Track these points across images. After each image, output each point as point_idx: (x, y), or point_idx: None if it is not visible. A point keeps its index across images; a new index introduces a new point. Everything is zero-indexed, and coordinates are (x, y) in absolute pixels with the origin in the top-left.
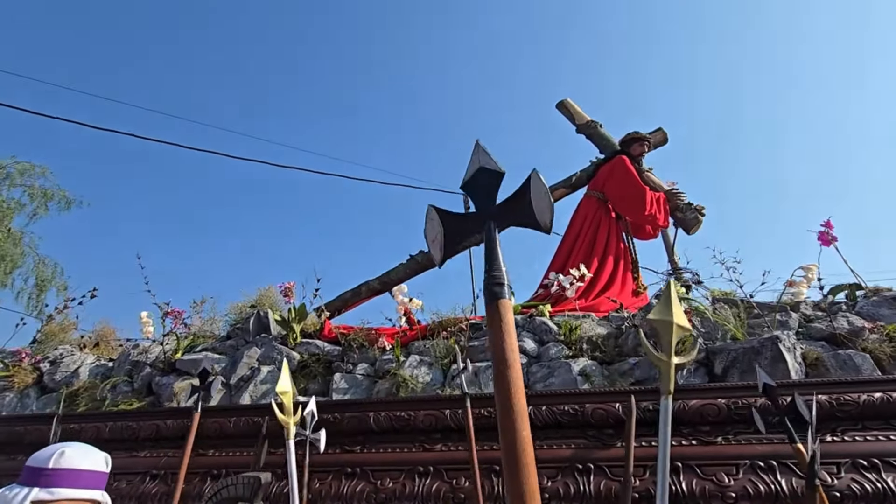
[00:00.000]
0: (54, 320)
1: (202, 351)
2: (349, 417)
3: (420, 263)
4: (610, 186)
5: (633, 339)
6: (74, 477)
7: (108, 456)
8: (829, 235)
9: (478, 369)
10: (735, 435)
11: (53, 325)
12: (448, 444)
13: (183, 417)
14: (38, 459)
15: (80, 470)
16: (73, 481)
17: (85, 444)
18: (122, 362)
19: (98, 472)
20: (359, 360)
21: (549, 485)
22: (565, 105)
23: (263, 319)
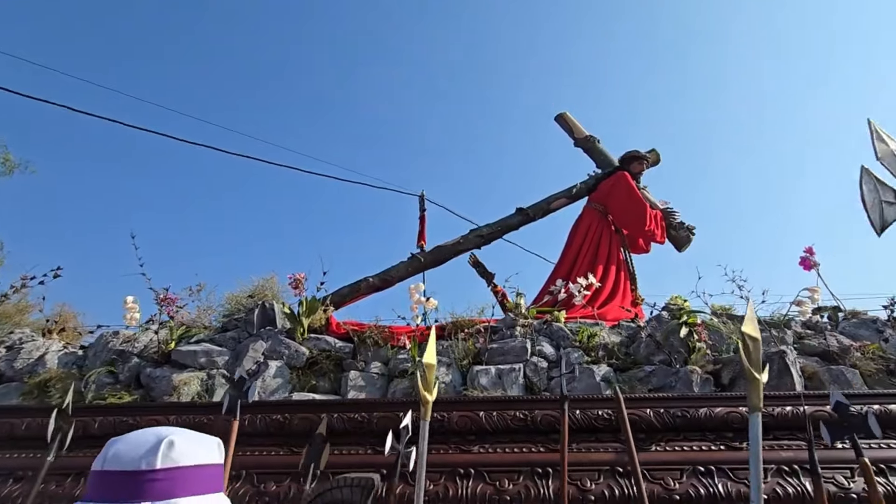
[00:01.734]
0: (9, 300)
1: (199, 342)
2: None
3: (422, 263)
4: (612, 200)
5: (644, 348)
6: (194, 478)
7: (219, 441)
8: (811, 261)
9: (501, 372)
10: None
11: (8, 306)
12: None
13: (192, 413)
14: (129, 458)
15: (199, 466)
16: (192, 484)
17: (181, 427)
18: (98, 351)
19: (217, 466)
20: (372, 359)
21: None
22: (564, 118)
23: (269, 312)
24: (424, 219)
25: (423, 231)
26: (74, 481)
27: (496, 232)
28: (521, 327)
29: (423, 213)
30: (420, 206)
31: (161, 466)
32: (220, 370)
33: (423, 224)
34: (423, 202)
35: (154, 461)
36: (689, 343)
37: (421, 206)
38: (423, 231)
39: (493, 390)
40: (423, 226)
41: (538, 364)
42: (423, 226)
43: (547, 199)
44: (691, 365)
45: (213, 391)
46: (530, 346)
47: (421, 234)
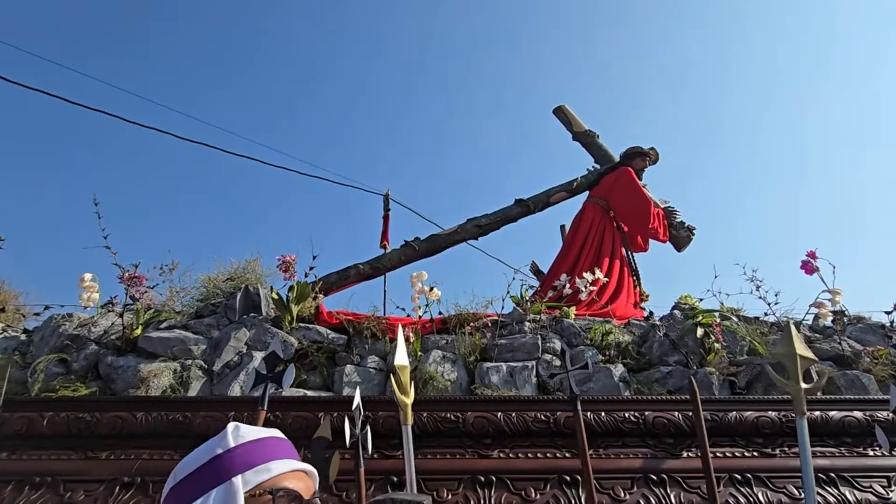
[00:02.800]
0: None
1: (171, 328)
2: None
3: (416, 251)
4: (615, 197)
5: (658, 348)
6: (273, 446)
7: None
8: (813, 265)
9: (513, 370)
10: (790, 447)
11: None
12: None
13: (165, 410)
14: (204, 452)
15: (274, 438)
16: (275, 450)
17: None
18: (46, 335)
19: (283, 439)
20: (368, 352)
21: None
22: (563, 111)
23: (254, 297)
24: (388, 218)
25: (386, 231)
26: (16, 490)
27: (494, 223)
28: (529, 323)
29: (387, 213)
30: (384, 206)
31: (235, 444)
32: (196, 360)
33: (386, 224)
34: (387, 202)
35: (227, 442)
36: (706, 344)
37: (385, 205)
38: (386, 231)
39: (504, 389)
40: (387, 225)
41: (552, 362)
42: (387, 225)
43: (547, 191)
44: (708, 366)
45: (189, 384)
46: (541, 343)
47: (384, 233)
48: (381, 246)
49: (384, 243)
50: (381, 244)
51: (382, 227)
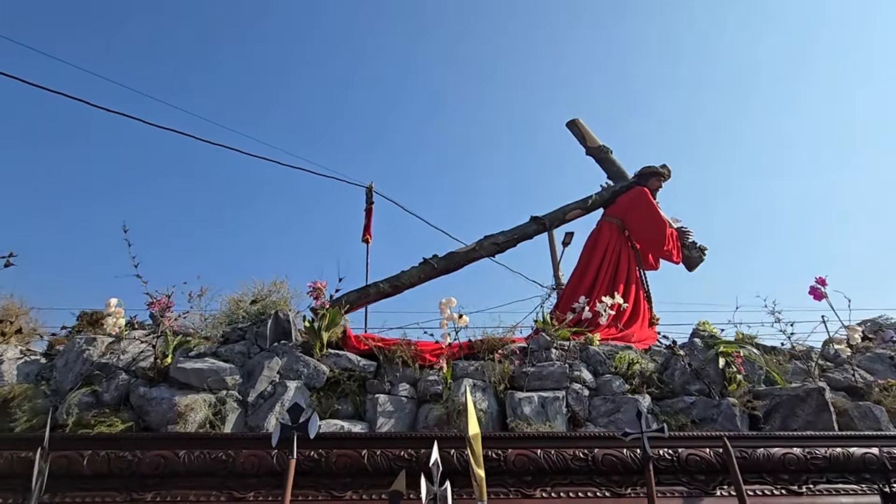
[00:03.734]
0: None
1: (201, 356)
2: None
3: (435, 268)
4: (631, 217)
5: (680, 376)
6: None
7: None
8: (821, 291)
9: (544, 400)
10: (815, 484)
11: None
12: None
13: (207, 448)
14: None
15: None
16: None
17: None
18: (70, 361)
19: None
20: (399, 380)
21: None
22: (577, 125)
23: (283, 323)
24: (371, 211)
25: (369, 224)
26: None
27: (511, 240)
28: (556, 349)
29: (370, 206)
30: (367, 199)
31: None
32: (230, 392)
33: (369, 217)
34: (370, 194)
35: None
36: (726, 373)
37: (368, 198)
38: (369, 224)
39: (537, 421)
40: (370, 219)
41: (580, 392)
42: (370, 219)
43: (562, 208)
44: (729, 396)
45: (225, 418)
46: (569, 372)
47: (367, 227)
48: (364, 240)
49: (367, 237)
50: (363, 238)
51: (365, 220)
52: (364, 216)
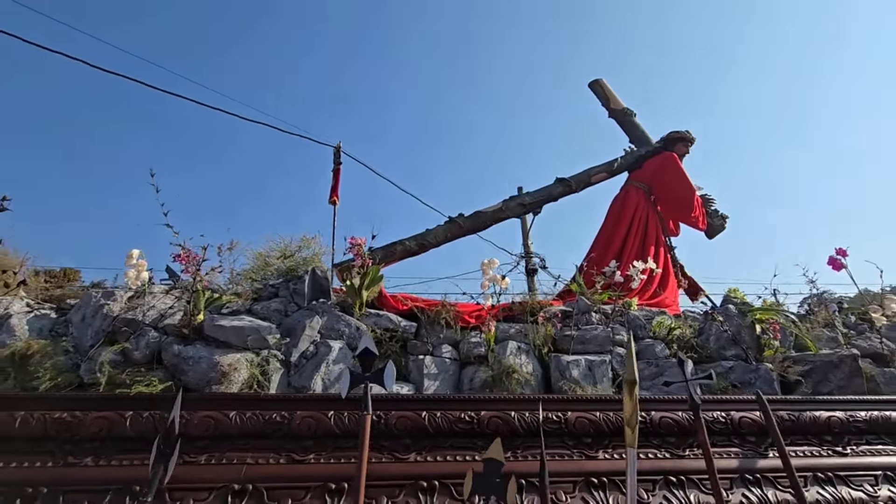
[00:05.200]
0: None
1: (235, 313)
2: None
3: (461, 227)
4: (659, 182)
5: (715, 342)
6: None
7: None
8: (841, 262)
9: (591, 363)
10: (857, 446)
11: None
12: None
13: (259, 409)
14: None
15: None
16: None
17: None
18: (87, 316)
19: None
20: (441, 341)
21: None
22: (600, 85)
23: (322, 281)
24: (339, 172)
25: (336, 185)
26: (117, 499)
27: (537, 201)
28: (596, 314)
29: (337, 167)
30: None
31: None
32: (272, 351)
33: (337, 178)
34: (338, 154)
35: None
36: (762, 340)
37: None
38: (336, 185)
39: (585, 383)
40: (338, 180)
41: (623, 355)
42: (338, 180)
43: (587, 171)
44: (765, 362)
45: (269, 377)
46: (612, 336)
47: (334, 188)
48: (331, 201)
49: (333, 198)
50: (330, 199)
51: (333, 182)
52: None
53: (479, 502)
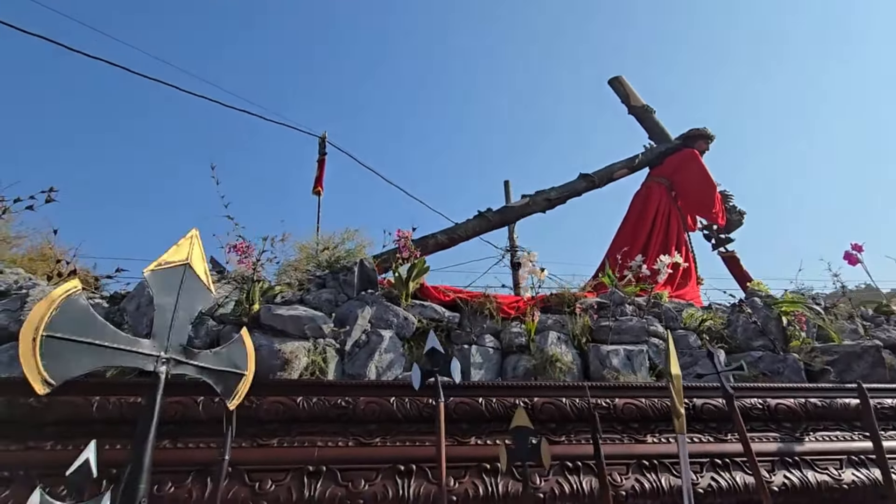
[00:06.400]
0: None
1: (288, 303)
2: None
3: (490, 221)
4: (681, 178)
5: (742, 332)
6: None
7: None
8: (857, 257)
9: (630, 353)
10: (884, 431)
11: None
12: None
13: (325, 394)
14: None
15: None
16: None
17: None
18: (141, 305)
19: None
20: (484, 332)
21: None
22: (620, 82)
23: (369, 272)
24: (324, 162)
25: (321, 176)
26: (197, 480)
27: (562, 197)
28: (630, 305)
29: (322, 157)
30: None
31: None
32: (327, 339)
33: (321, 168)
34: (323, 145)
35: None
36: (787, 331)
37: (321, 149)
38: (321, 176)
39: (624, 371)
40: (322, 170)
41: (659, 345)
42: (322, 170)
43: (609, 167)
44: (791, 352)
45: (327, 365)
46: (647, 327)
47: (319, 178)
48: (315, 192)
49: (318, 188)
50: (314, 189)
51: (317, 172)
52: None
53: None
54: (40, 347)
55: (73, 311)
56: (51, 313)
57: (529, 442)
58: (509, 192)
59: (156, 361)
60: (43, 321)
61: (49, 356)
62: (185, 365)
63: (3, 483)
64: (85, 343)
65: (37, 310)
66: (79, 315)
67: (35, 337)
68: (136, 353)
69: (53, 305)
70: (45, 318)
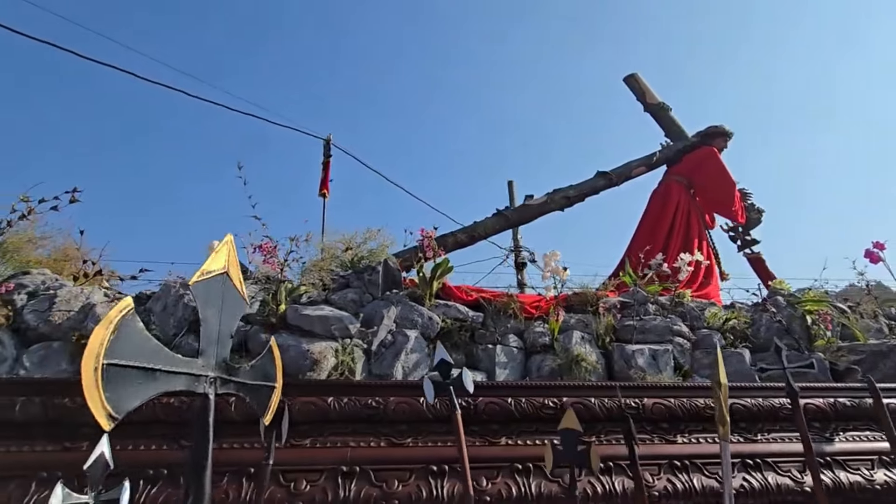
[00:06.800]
0: (12, 229)
1: (313, 303)
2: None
3: (509, 220)
4: (701, 176)
5: (766, 332)
6: None
7: None
8: (878, 255)
9: (655, 353)
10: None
11: (16, 237)
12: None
13: (355, 395)
14: None
15: None
16: None
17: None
18: (168, 305)
19: None
20: (507, 331)
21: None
22: (636, 79)
23: (394, 272)
24: (329, 165)
25: (326, 178)
26: (233, 481)
27: (580, 195)
28: (653, 304)
29: (327, 159)
30: (325, 152)
31: None
32: (354, 339)
33: (326, 171)
34: (328, 147)
35: None
36: (812, 331)
37: (326, 151)
38: (326, 178)
39: (650, 371)
40: (328, 173)
41: (683, 345)
42: (328, 173)
43: (627, 165)
44: (816, 351)
45: (355, 365)
46: (671, 326)
47: (324, 181)
48: (321, 194)
49: (324, 191)
50: (320, 192)
51: (322, 174)
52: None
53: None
54: (102, 378)
55: (130, 334)
56: (109, 338)
57: (578, 445)
58: (513, 192)
59: (205, 382)
60: (103, 347)
61: (111, 386)
62: (228, 383)
63: (42, 484)
64: (143, 369)
65: (95, 336)
66: (135, 337)
67: (97, 366)
68: (189, 374)
69: (111, 329)
70: (105, 344)
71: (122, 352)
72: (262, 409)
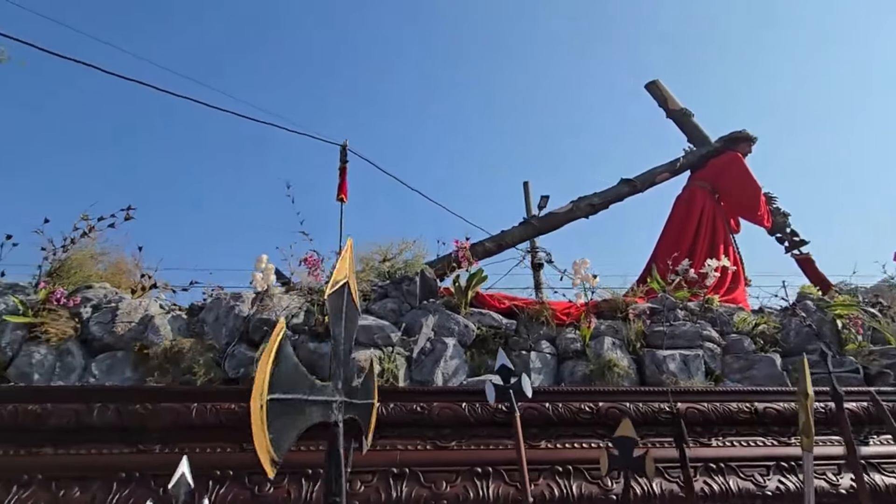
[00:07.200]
0: (75, 244)
1: None
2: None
3: (536, 228)
4: (725, 182)
5: (795, 336)
6: None
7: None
8: None
9: (686, 358)
10: None
11: (80, 253)
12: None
13: (401, 400)
14: None
15: None
16: None
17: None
18: (220, 316)
19: None
20: (540, 338)
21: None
22: (658, 86)
23: (430, 282)
24: (346, 171)
25: (343, 184)
26: (293, 482)
27: (605, 202)
28: (682, 310)
29: (344, 165)
30: (341, 158)
31: None
32: (396, 347)
33: (343, 176)
34: (344, 153)
35: None
36: (842, 335)
37: (342, 157)
38: (343, 184)
39: (681, 376)
40: (345, 178)
41: (713, 350)
42: (345, 178)
43: (651, 171)
44: (847, 356)
45: (398, 373)
46: (700, 331)
47: (341, 186)
48: (338, 199)
49: (341, 196)
50: (337, 197)
51: (339, 180)
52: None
53: (611, 484)
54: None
55: (285, 364)
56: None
57: (633, 452)
58: (529, 193)
59: (335, 409)
60: (265, 382)
61: (273, 426)
62: (351, 407)
63: (122, 484)
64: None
65: (261, 370)
66: (289, 366)
67: (262, 404)
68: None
69: (271, 358)
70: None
71: (281, 384)
72: (366, 426)
